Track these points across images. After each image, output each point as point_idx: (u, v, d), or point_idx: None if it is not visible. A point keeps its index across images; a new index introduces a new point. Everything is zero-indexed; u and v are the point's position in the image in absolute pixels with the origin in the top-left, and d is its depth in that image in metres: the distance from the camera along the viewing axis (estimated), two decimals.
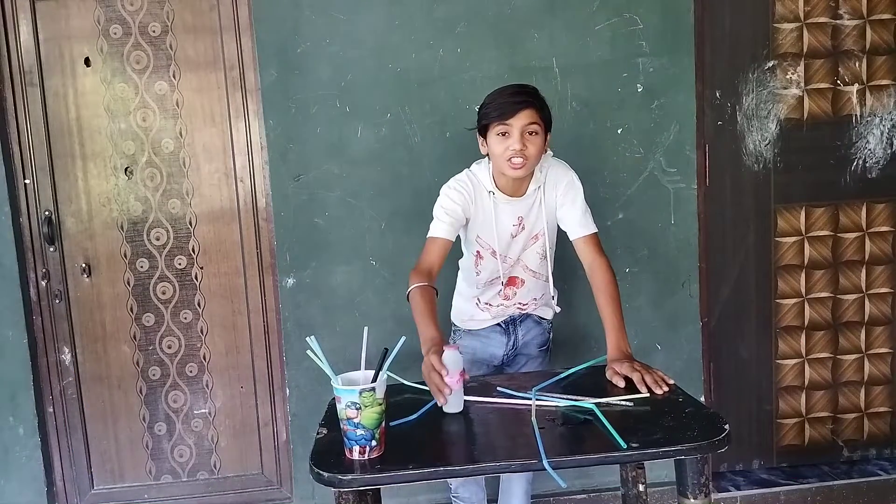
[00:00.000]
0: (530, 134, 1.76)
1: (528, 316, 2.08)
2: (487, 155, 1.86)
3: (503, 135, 1.77)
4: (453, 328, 2.15)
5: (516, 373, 2.07)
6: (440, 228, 1.86)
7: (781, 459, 2.72)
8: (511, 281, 2.00)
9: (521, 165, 1.77)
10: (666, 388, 1.60)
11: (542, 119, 1.78)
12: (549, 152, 1.96)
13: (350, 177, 2.41)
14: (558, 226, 1.97)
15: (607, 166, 2.45)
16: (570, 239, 1.94)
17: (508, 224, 1.92)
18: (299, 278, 2.43)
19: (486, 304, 2.05)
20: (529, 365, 2.11)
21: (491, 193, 1.89)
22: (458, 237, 1.97)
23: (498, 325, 2.07)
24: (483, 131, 1.83)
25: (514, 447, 1.40)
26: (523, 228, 1.93)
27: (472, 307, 2.07)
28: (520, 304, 2.05)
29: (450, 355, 1.52)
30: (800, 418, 2.71)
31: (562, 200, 1.92)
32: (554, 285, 2.06)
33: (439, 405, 1.53)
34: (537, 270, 2.01)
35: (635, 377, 1.62)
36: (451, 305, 2.16)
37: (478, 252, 1.96)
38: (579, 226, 1.91)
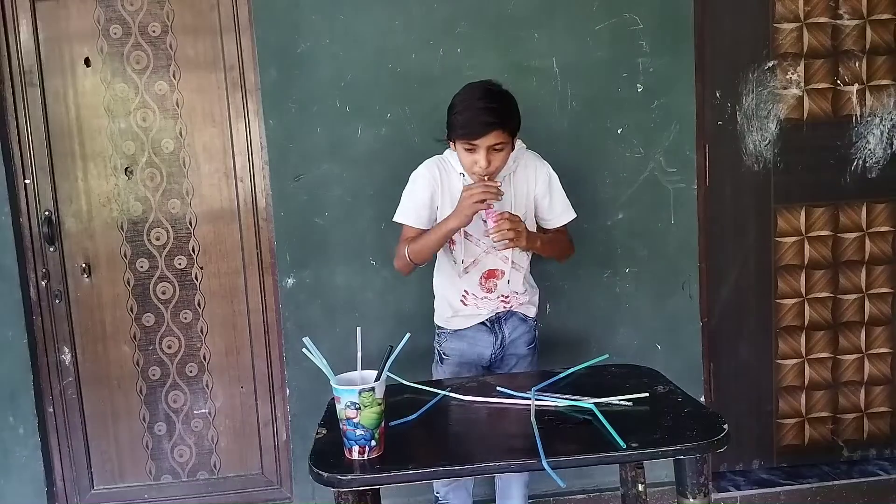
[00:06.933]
0: (496, 151, 1.81)
1: (512, 314, 2.06)
2: None
3: (469, 150, 1.82)
4: (438, 330, 2.11)
5: (516, 373, 2.06)
6: (410, 217, 1.97)
7: (781, 459, 2.72)
8: (491, 273, 1.99)
9: (487, 178, 1.85)
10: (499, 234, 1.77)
11: (509, 134, 1.82)
12: (522, 144, 1.98)
13: (350, 177, 2.41)
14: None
15: (607, 166, 2.45)
16: (550, 227, 2.05)
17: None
18: (299, 278, 2.44)
19: (472, 294, 2.02)
20: (520, 364, 2.09)
21: (461, 175, 1.93)
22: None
23: (483, 323, 2.04)
24: (451, 137, 1.88)
25: (513, 447, 1.40)
26: None
27: (457, 302, 2.04)
28: (502, 296, 2.02)
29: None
30: (800, 418, 2.71)
31: (544, 192, 1.99)
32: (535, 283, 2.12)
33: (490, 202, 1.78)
34: (517, 262, 2.01)
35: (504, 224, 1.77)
36: (432, 309, 2.13)
37: (450, 238, 1.96)
38: (562, 214, 2.03)
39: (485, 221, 1.87)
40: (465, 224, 1.84)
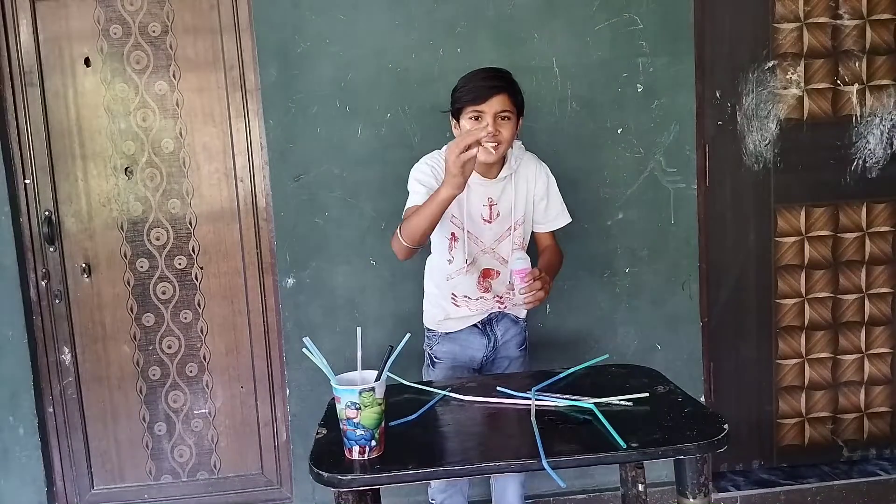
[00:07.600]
0: (503, 119, 1.80)
1: (504, 315, 2.05)
2: None
3: (476, 119, 1.80)
4: (428, 333, 2.09)
5: (515, 373, 2.06)
6: (419, 199, 1.84)
7: (781, 459, 2.72)
8: (486, 273, 1.99)
9: (494, 149, 1.82)
10: (530, 299, 1.72)
11: (514, 105, 1.82)
12: (521, 144, 1.98)
13: (350, 177, 2.41)
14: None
15: (607, 166, 2.45)
16: (543, 230, 2.03)
17: (479, 204, 1.92)
18: (299, 278, 2.44)
19: (465, 297, 2.00)
20: (512, 366, 2.08)
21: None
22: None
23: (475, 326, 2.03)
24: (456, 114, 1.86)
25: (513, 447, 1.40)
26: (498, 215, 1.94)
27: (448, 304, 2.02)
28: (498, 296, 2.01)
29: None
30: (800, 418, 2.71)
31: (542, 194, 1.99)
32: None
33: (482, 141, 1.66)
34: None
35: (536, 284, 1.72)
36: (423, 311, 2.11)
37: (452, 234, 1.94)
38: (557, 218, 2.02)
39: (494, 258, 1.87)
40: (459, 190, 1.65)
